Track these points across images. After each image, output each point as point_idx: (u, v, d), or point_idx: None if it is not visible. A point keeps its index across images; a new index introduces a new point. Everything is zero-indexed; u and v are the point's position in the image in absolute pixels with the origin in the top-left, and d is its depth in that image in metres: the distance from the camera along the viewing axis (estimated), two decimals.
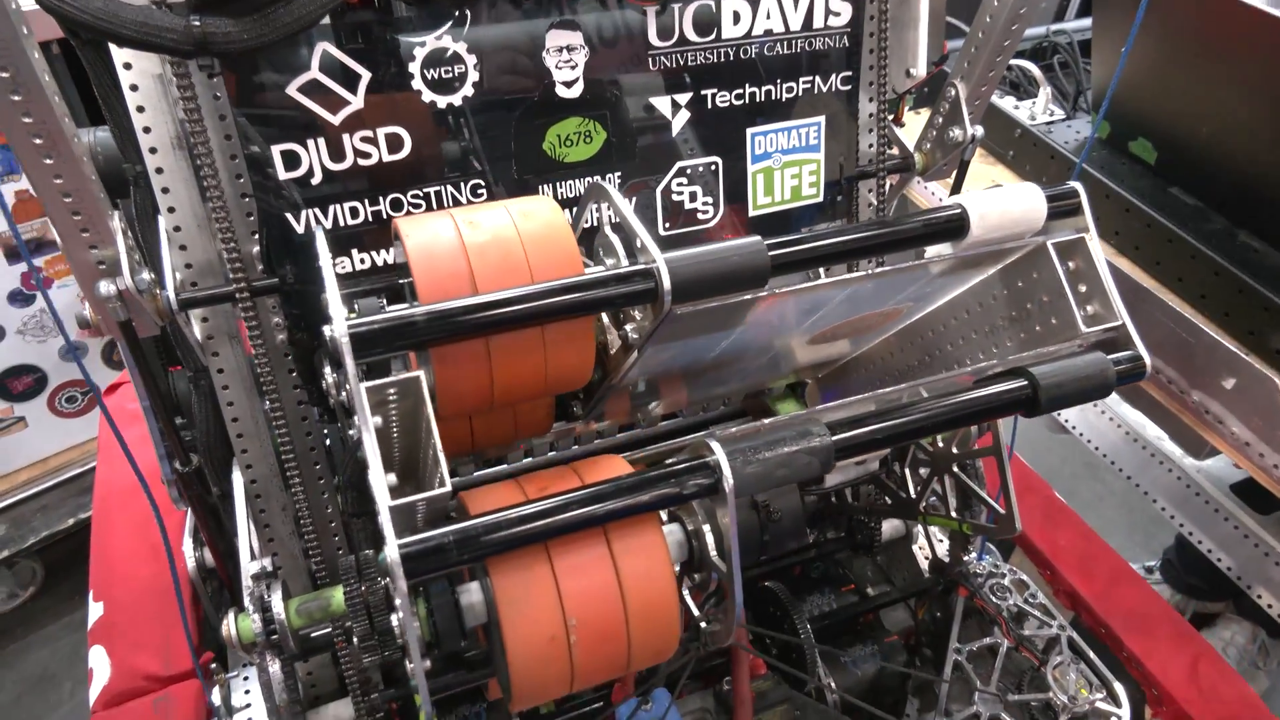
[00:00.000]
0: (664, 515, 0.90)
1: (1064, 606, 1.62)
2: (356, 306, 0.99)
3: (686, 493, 0.80)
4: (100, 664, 1.43)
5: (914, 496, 1.40)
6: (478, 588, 0.84)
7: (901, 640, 1.66)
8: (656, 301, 0.84)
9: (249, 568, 1.30)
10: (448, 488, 0.73)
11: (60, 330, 2.93)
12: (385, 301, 1.01)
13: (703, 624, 0.93)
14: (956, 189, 1.53)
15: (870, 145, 1.54)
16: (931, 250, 0.98)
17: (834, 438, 0.83)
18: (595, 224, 1.00)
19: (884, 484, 1.46)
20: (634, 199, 1.36)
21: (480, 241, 0.85)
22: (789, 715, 1.42)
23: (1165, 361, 1.65)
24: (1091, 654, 1.44)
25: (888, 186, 1.52)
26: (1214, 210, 1.73)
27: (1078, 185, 0.99)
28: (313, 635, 1.27)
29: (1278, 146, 1.56)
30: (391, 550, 0.69)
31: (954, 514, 1.32)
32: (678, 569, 0.92)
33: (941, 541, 1.72)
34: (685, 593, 0.96)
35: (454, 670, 1.13)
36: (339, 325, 0.74)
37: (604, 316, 0.96)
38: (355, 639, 1.25)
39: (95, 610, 1.52)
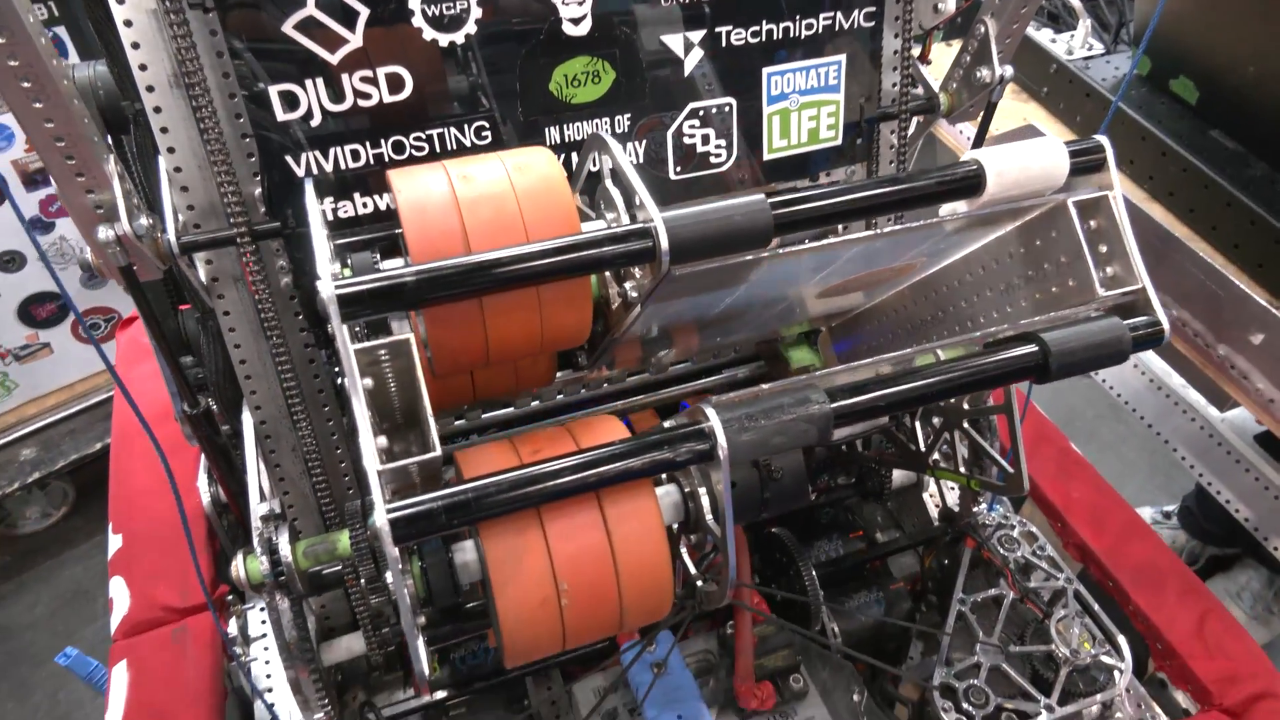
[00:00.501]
0: (662, 475, 0.89)
1: (1073, 559, 1.62)
2: (350, 261, 0.97)
3: (680, 459, 0.78)
4: (120, 594, 1.47)
5: (924, 449, 1.38)
6: (473, 546, 0.84)
7: (907, 586, 1.67)
8: (654, 262, 0.81)
9: (258, 509, 1.32)
10: (437, 452, 0.72)
11: (80, 261, 2.95)
12: (379, 256, 0.99)
13: (699, 582, 0.93)
14: (982, 132, 1.47)
15: (894, 84, 1.48)
16: (945, 208, 0.94)
17: (833, 404, 0.81)
18: (598, 169, 0.96)
19: (894, 436, 1.44)
20: (644, 140, 1.32)
21: (473, 196, 0.82)
22: (790, 659, 1.44)
23: (1192, 314, 1.60)
24: (1097, 607, 1.44)
25: (911, 128, 1.47)
26: (1255, 155, 1.65)
27: (1104, 139, 0.94)
28: (324, 572, 1.29)
29: None
30: (380, 516, 0.68)
31: (963, 469, 1.30)
32: (675, 528, 0.91)
33: (953, 489, 1.71)
34: (683, 550, 0.96)
35: (453, 622, 1.14)
36: (326, 287, 0.72)
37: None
38: (363, 580, 1.28)
39: (115, 542, 1.55)
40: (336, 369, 1.44)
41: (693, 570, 0.94)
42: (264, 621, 1.62)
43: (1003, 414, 1.18)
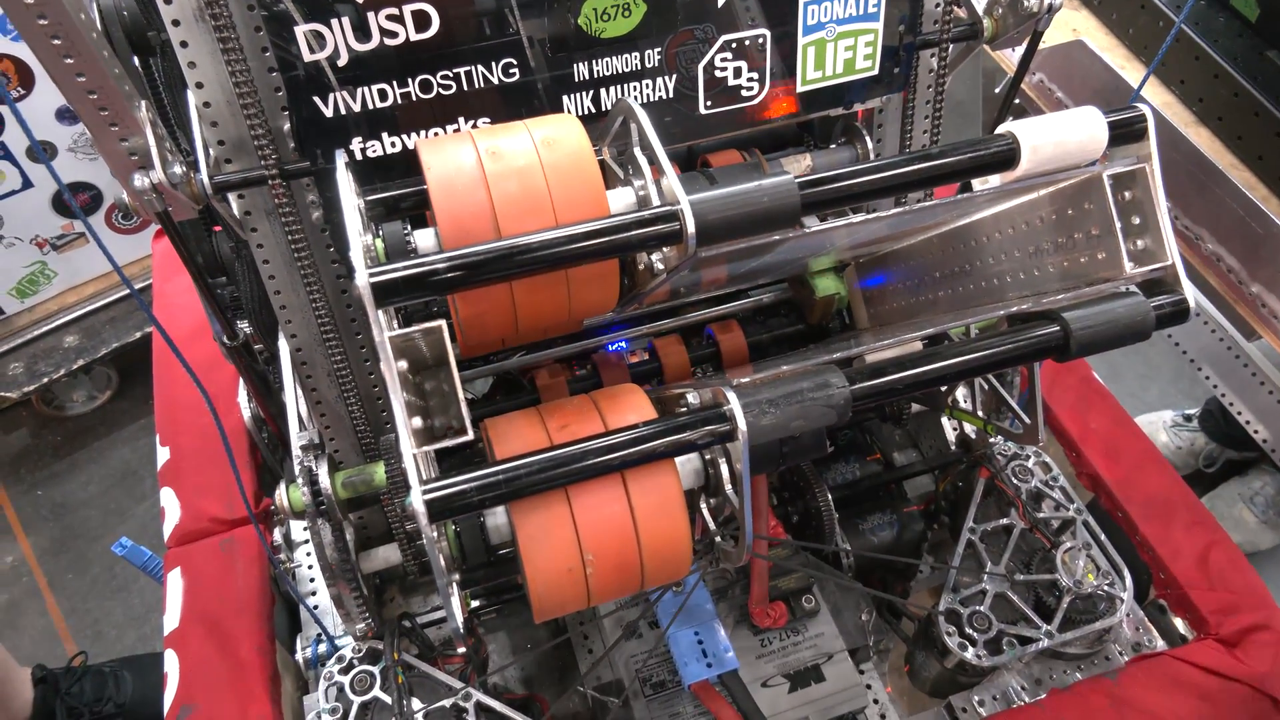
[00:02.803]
0: None
1: (1085, 488, 1.66)
2: (381, 233, 0.98)
3: (702, 441, 0.81)
4: (171, 505, 1.55)
5: (940, 390, 1.41)
6: (503, 510, 0.88)
7: (920, 507, 1.73)
8: (681, 244, 0.82)
9: (298, 438, 1.38)
10: (469, 435, 0.75)
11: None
12: (409, 226, 1.00)
13: (717, 539, 0.98)
14: (1026, 61, 1.42)
15: (936, 5, 1.42)
16: (976, 183, 0.93)
17: (852, 388, 0.83)
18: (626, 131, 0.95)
19: None
20: (676, 52, 1.28)
21: (504, 173, 0.83)
22: (804, 580, 1.51)
23: (1228, 250, 1.57)
24: (1104, 539, 1.48)
25: (949, 56, 1.42)
26: None
27: (1144, 109, 0.91)
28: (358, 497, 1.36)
29: None
30: (416, 498, 0.73)
31: (980, 413, 1.33)
32: (693, 489, 0.95)
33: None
34: (703, 507, 1.01)
35: (484, 569, 1.21)
36: (361, 276, 0.74)
37: None
38: (399, 509, 1.35)
39: (163, 454, 1.63)
40: None
41: (712, 526, 0.99)
42: (305, 528, 1.71)
43: (1023, 365, 1.20)
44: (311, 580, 1.63)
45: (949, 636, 1.40)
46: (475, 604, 1.61)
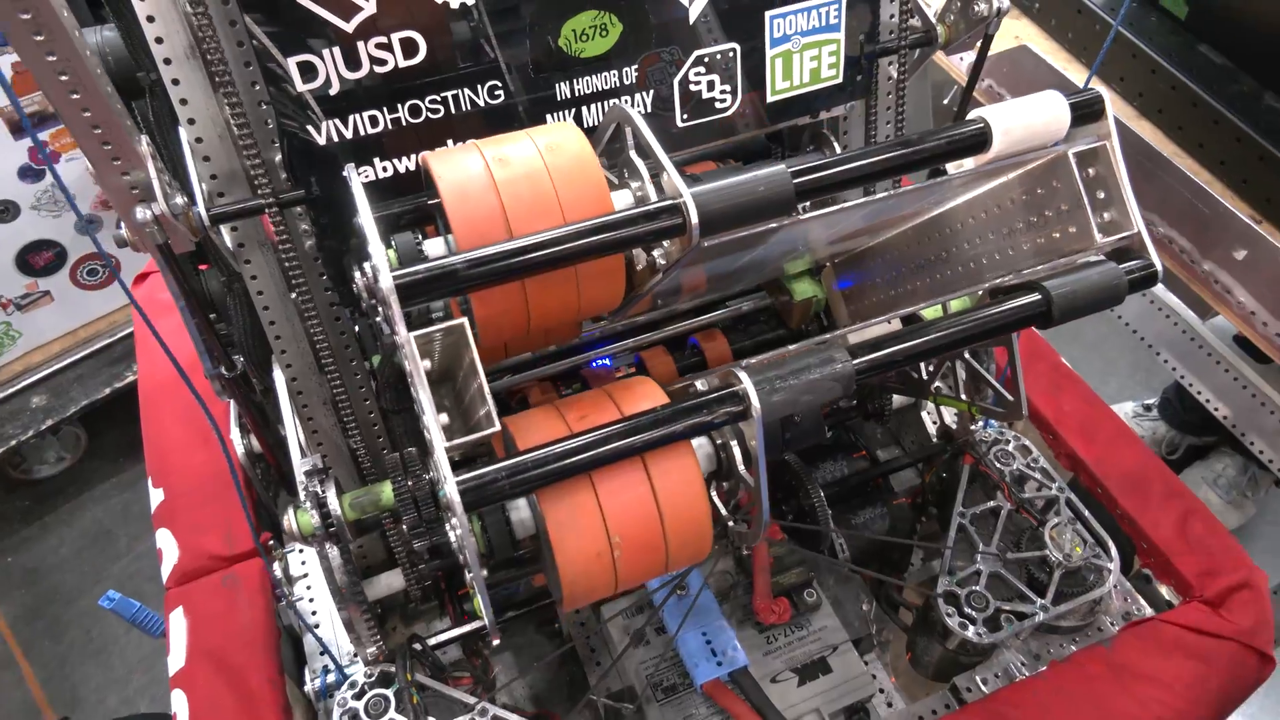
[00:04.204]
0: None
1: (1064, 468, 1.72)
2: (394, 243, 1.01)
3: (718, 420, 0.85)
4: (168, 545, 1.55)
5: (925, 378, 1.46)
6: (525, 504, 0.91)
7: (907, 500, 1.77)
8: (685, 235, 0.86)
9: (302, 464, 1.39)
10: (496, 428, 0.78)
11: (72, 208, 2.94)
12: (420, 237, 1.03)
13: (730, 523, 1.01)
14: (980, 62, 1.50)
15: (891, 16, 1.49)
16: (952, 166, 0.98)
17: (855, 362, 0.87)
18: (618, 138, 1.00)
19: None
20: (651, 90, 1.34)
21: (511, 178, 0.87)
22: (805, 575, 1.54)
23: (1179, 232, 1.66)
24: (1087, 513, 1.54)
25: (908, 62, 1.49)
26: (1243, 70, 1.69)
27: (1102, 91, 0.98)
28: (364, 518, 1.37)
29: None
30: (451, 489, 0.75)
31: (963, 396, 1.38)
32: (707, 475, 0.99)
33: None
34: (713, 494, 1.04)
35: (503, 569, 1.23)
36: (385, 279, 0.77)
37: None
38: (405, 527, 1.36)
39: (156, 496, 1.62)
40: (355, 323, 1.49)
41: (723, 511, 1.02)
42: (304, 562, 1.71)
43: (1002, 345, 1.25)
44: (314, 613, 1.63)
45: (949, 618, 1.44)
46: (477, 624, 1.61)
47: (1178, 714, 1.36)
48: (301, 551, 1.70)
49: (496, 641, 0.84)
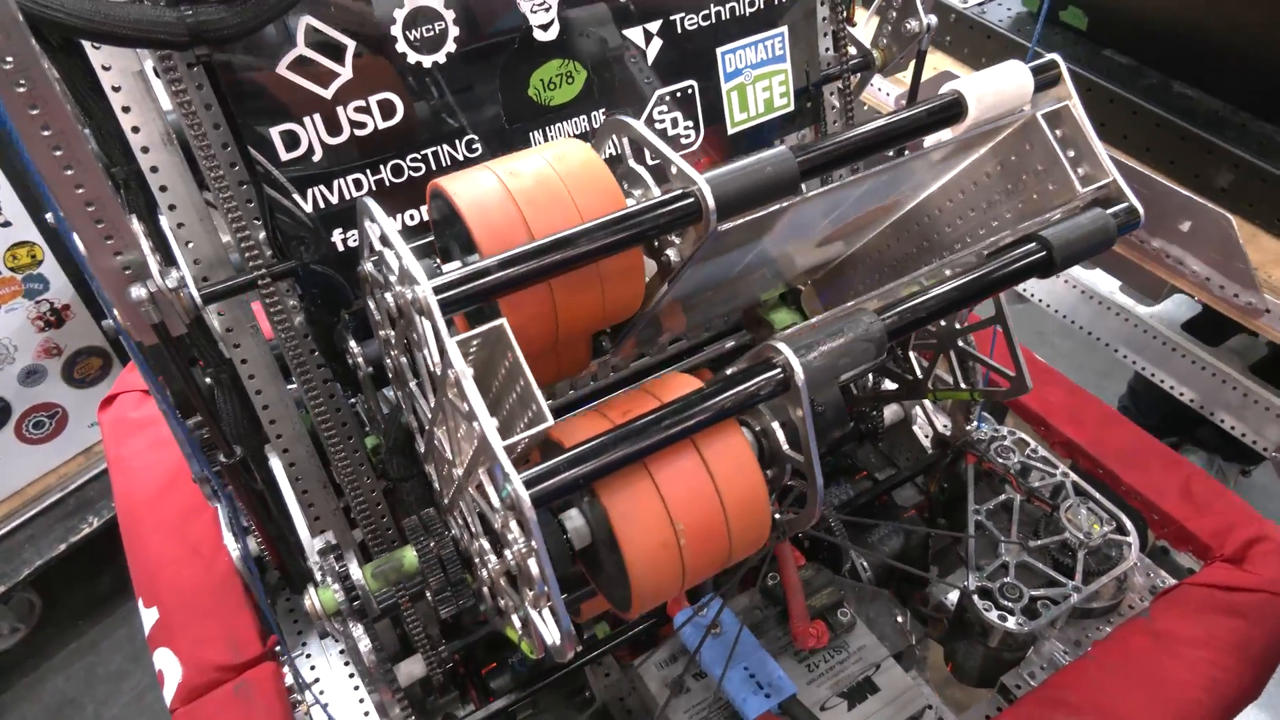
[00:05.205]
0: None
1: (1061, 456, 1.75)
2: None
3: (764, 393, 0.86)
4: (169, 664, 1.45)
5: (920, 377, 1.49)
6: (578, 513, 0.89)
7: (917, 514, 1.78)
8: (702, 221, 0.88)
9: (314, 544, 1.34)
10: (549, 421, 0.77)
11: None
12: (438, 261, 1.04)
13: (776, 515, 1.00)
14: (917, 78, 1.59)
15: (827, 49, 1.59)
16: (930, 139, 1.04)
17: (884, 318, 0.89)
18: (617, 154, 1.03)
19: (889, 370, 1.54)
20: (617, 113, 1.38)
21: (527, 187, 0.88)
22: (835, 595, 1.52)
23: None
24: (1095, 493, 1.56)
25: (852, 86, 1.58)
26: (1148, 66, 1.83)
27: (1057, 57, 1.05)
28: (381, 603, 1.31)
29: None
30: (516, 484, 0.73)
31: (963, 385, 1.41)
32: None
33: (941, 417, 1.82)
34: None
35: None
36: (424, 286, 0.77)
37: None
38: (430, 594, 1.30)
39: (149, 616, 1.53)
40: (353, 402, 1.47)
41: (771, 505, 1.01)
42: (313, 667, 1.62)
43: (994, 325, 1.29)
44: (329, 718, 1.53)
45: (987, 613, 1.43)
46: (503, 702, 1.54)
47: (1228, 671, 1.35)
48: (310, 656, 1.61)
49: (572, 653, 0.81)
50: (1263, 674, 1.38)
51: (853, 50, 1.58)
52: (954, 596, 1.55)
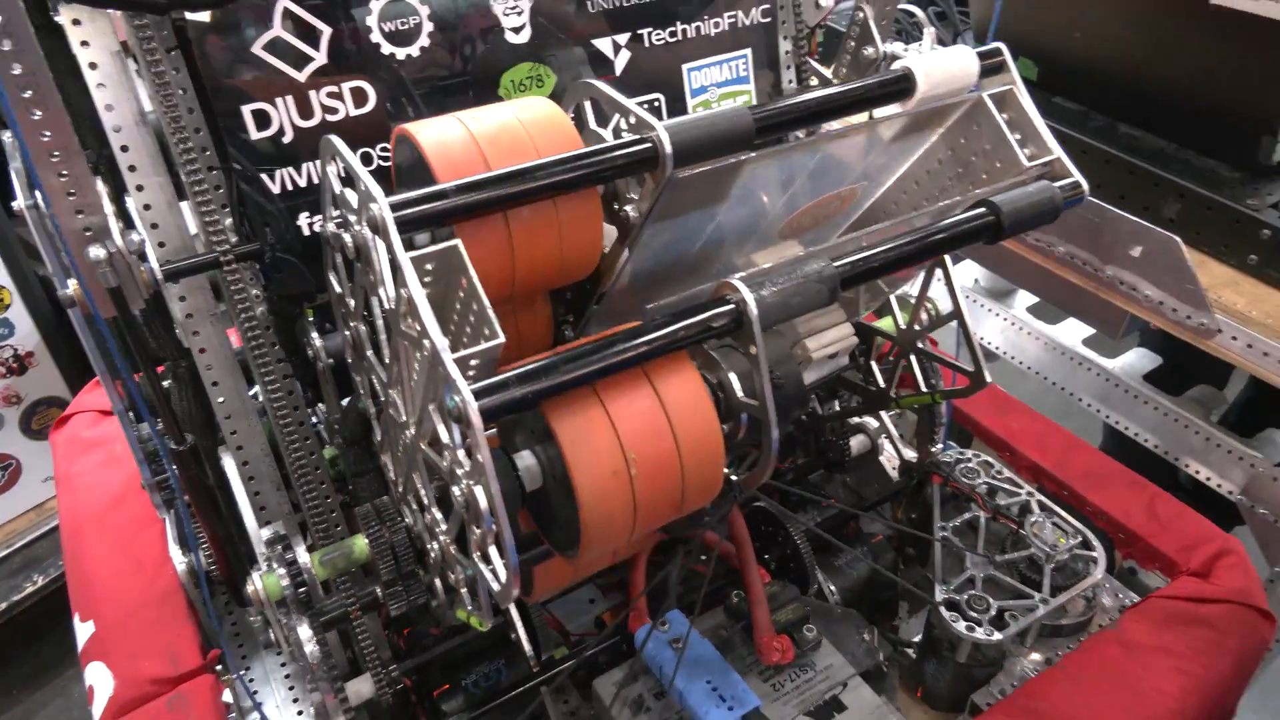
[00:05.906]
0: None
1: (1026, 480, 1.74)
2: None
3: (717, 326, 0.86)
4: (101, 679, 1.38)
5: (883, 387, 1.49)
6: (530, 454, 0.88)
7: (885, 542, 1.75)
8: (658, 168, 0.90)
9: (262, 534, 1.30)
10: (500, 338, 0.77)
11: None
12: None
13: (733, 477, 0.99)
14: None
15: (790, 81, 1.66)
16: (880, 112, 1.08)
17: (838, 264, 0.91)
18: (581, 120, 1.06)
19: (852, 383, 1.55)
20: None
21: (487, 131, 0.90)
22: (800, 611, 1.48)
23: (1078, 246, 1.80)
24: (1060, 510, 1.55)
25: None
26: (1096, 111, 1.92)
27: (1001, 45, 1.11)
28: (325, 613, 1.25)
29: (1143, 41, 1.76)
30: (465, 393, 0.72)
31: (924, 388, 1.42)
32: None
33: (906, 449, 1.82)
34: None
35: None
36: (380, 203, 0.78)
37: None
38: (380, 589, 1.26)
39: (84, 630, 1.46)
40: (314, 416, 1.45)
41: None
42: (255, 692, 1.54)
43: (952, 320, 1.31)
44: None
45: (954, 624, 1.39)
46: None
47: (1199, 681, 1.32)
48: (253, 680, 1.54)
49: (516, 591, 0.78)
50: (1235, 684, 1.35)
51: (814, 82, 1.65)
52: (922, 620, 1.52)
